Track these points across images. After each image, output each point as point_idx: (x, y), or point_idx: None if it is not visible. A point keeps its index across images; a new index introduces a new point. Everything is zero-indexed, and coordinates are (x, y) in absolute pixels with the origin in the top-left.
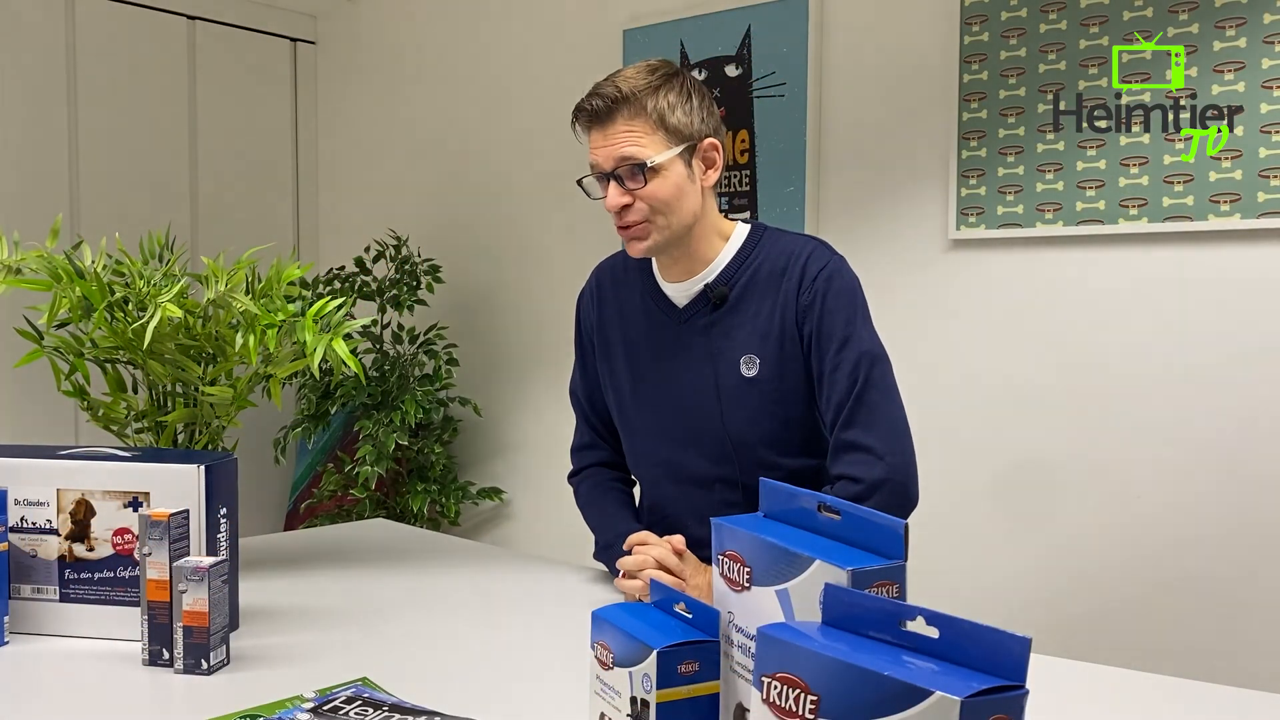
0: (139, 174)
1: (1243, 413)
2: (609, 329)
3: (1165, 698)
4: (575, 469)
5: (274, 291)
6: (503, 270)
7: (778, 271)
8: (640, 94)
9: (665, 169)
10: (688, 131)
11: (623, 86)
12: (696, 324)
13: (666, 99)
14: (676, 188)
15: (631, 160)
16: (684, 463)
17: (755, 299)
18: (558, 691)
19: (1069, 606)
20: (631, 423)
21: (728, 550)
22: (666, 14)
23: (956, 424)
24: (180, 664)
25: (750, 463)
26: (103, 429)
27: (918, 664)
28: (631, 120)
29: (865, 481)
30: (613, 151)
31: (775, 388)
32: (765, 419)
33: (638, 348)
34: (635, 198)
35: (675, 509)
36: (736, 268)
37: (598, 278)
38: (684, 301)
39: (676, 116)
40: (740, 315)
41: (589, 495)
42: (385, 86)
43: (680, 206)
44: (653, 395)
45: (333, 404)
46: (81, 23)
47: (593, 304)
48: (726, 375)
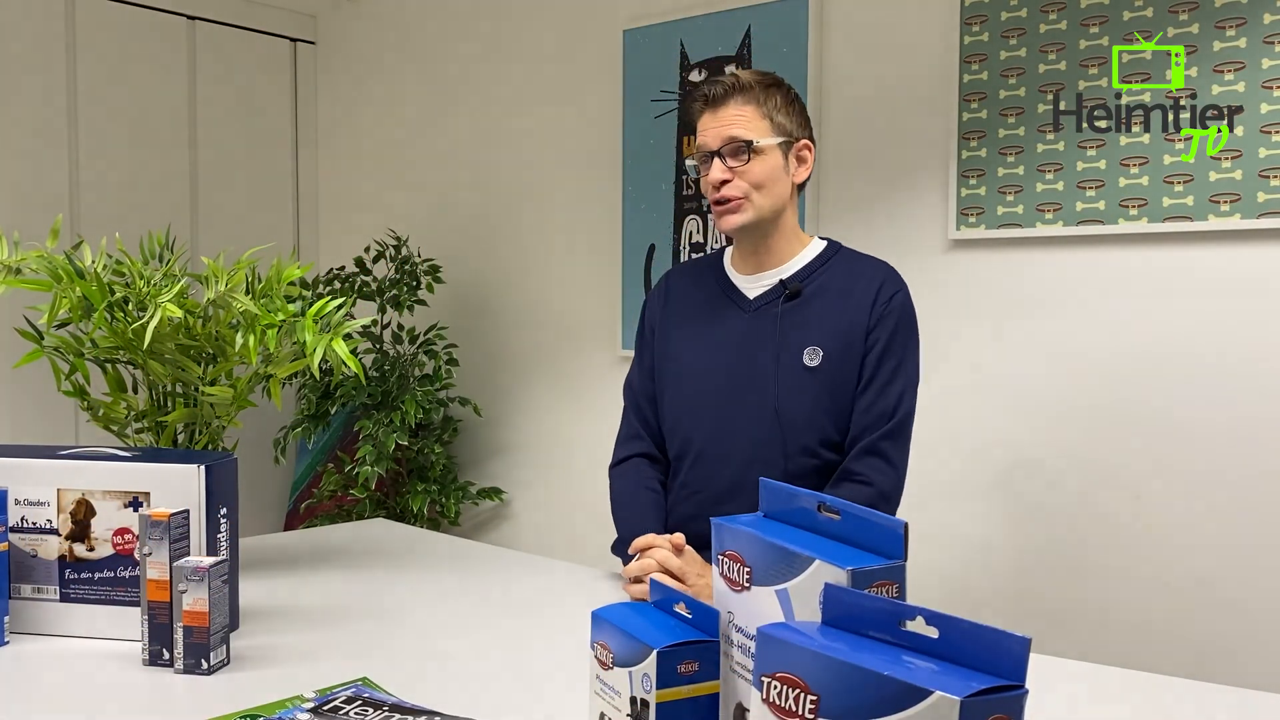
0: (139, 174)
1: (1243, 412)
2: (674, 319)
3: (1165, 698)
4: (616, 459)
5: (274, 291)
6: (503, 270)
7: (854, 280)
8: (754, 86)
9: (766, 153)
10: (789, 128)
11: (741, 77)
12: (767, 313)
13: (775, 98)
14: (773, 172)
15: (739, 139)
16: (729, 439)
17: (828, 300)
18: (558, 691)
19: (1069, 606)
20: (683, 396)
21: (728, 550)
22: (666, 14)
23: (956, 424)
24: (180, 664)
25: (793, 446)
26: (103, 429)
27: (917, 664)
28: (743, 106)
29: (879, 489)
30: (722, 131)
31: (831, 381)
32: (814, 407)
33: (703, 330)
34: (735, 174)
35: (711, 486)
36: (812, 270)
37: (668, 280)
38: (755, 293)
39: (781, 114)
40: (810, 311)
41: (622, 491)
42: (385, 86)
43: (773, 190)
44: (711, 370)
45: (333, 404)
46: (81, 23)
47: (660, 301)
48: (788, 360)
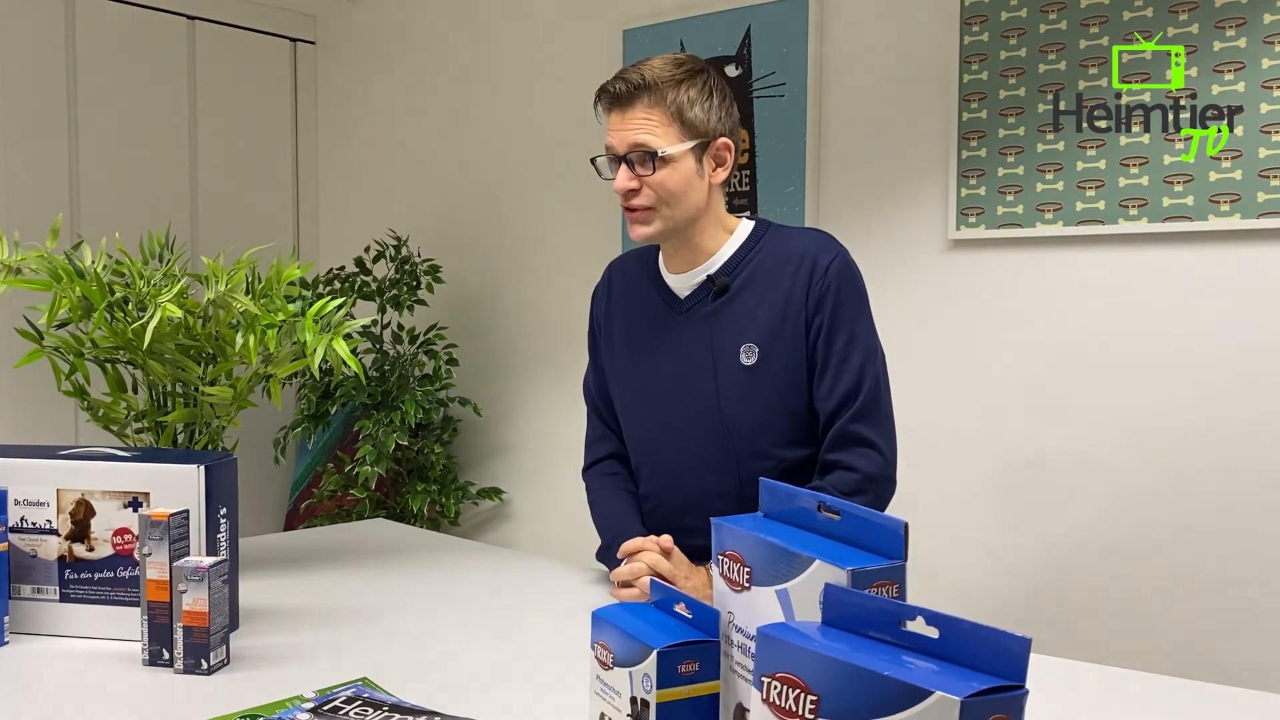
0: (139, 174)
1: (1243, 412)
2: (615, 321)
3: (1165, 697)
4: (588, 463)
5: (274, 291)
6: (503, 270)
7: (784, 263)
8: (663, 84)
9: (675, 161)
10: (703, 128)
11: (647, 74)
12: (698, 314)
13: (688, 93)
14: (684, 180)
15: (644, 148)
16: (679, 451)
17: (758, 290)
18: (558, 691)
19: (1069, 606)
20: (630, 410)
21: (728, 550)
22: (666, 14)
23: (956, 423)
24: (180, 664)
25: (745, 451)
26: (103, 429)
27: (918, 664)
28: (650, 109)
29: (865, 474)
30: (628, 137)
31: (773, 376)
32: (761, 407)
33: (640, 337)
34: (643, 184)
35: (668, 499)
36: (739, 260)
37: (610, 273)
38: (685, 292)
39: (695, 112)
40: (741, 305)
41: (598, 495)
42: (385, 86)
43: (685, 199)
44: (651, 383)
45: (333, 404)
46: (81, 23)
47: (604, 297)
48: (725, 363)
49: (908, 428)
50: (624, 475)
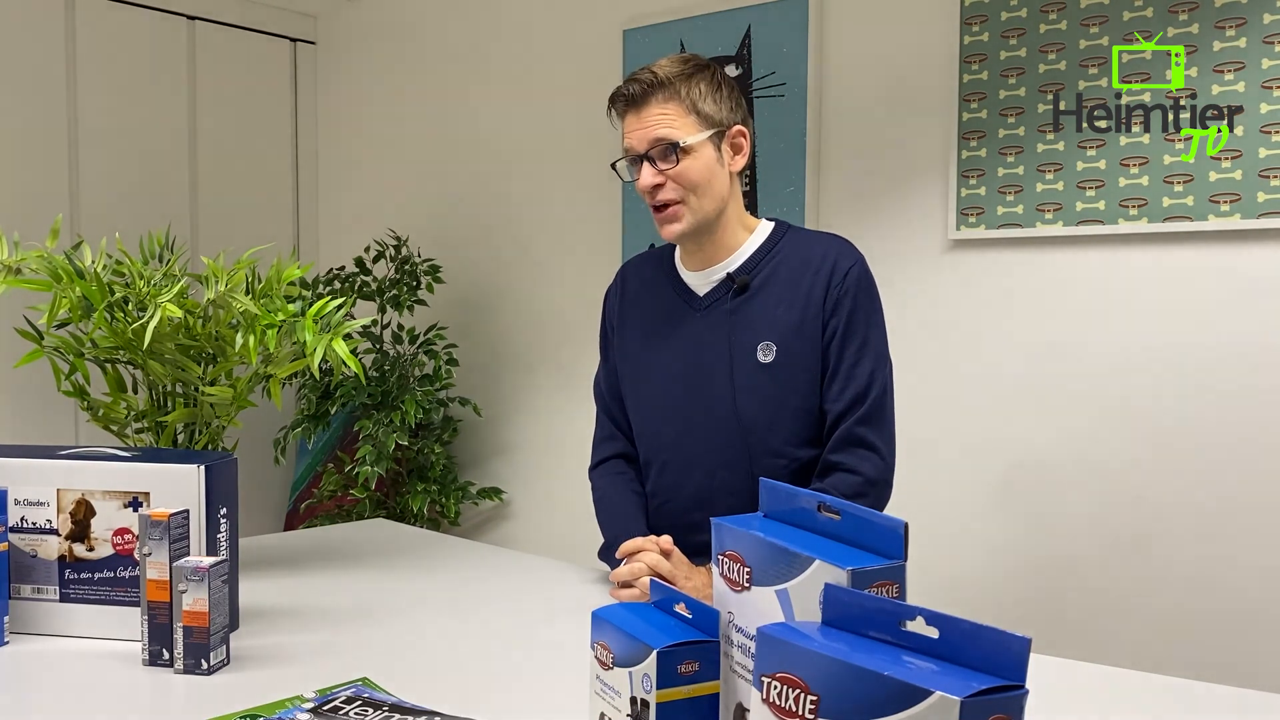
0: (139, 174)
1: (1244, 413)
2: (629, 319)
3: (1165, 698)
4: (595, 461)
5: (274, 291)
6: (503, 270)
7: (804, 265)
8: (674, 80)
9: (696, 150)
10: (718, 118)
11: (658, 73)
12: (716, 311)
13: (699, 86)
14: (706, 169)
15: (665, 141)
16: (691, 446)
17: (777, 290)
18: (558, 691)
19: (1069, 606)
20: (643, 404)
21: (728, 550)
22: (666, 14)
23: (956, 424)
24: (180, 664)
25: (757, 449)
26: (103, 429)
27: (917, 664)
28: (665, 104)
29: (866, 477)
30: (648, 134)
31: (789, 375)
32: (776, 405)
33: (656, 333)
34: (667, 178)
35: (678, 495)
36: (759, 259)
37: (623, 274)
38: (704, 289)
39: (707, 104)
40: (760, 304)
41: (604, 494)
42: (385, 86)
43: (710, 189)
44: (666, 377)
45: (333, 404)
46: (81, 23)
47: (616, 298)
48: (742, 360)
49: (908, 428)
50: (630, 475)
